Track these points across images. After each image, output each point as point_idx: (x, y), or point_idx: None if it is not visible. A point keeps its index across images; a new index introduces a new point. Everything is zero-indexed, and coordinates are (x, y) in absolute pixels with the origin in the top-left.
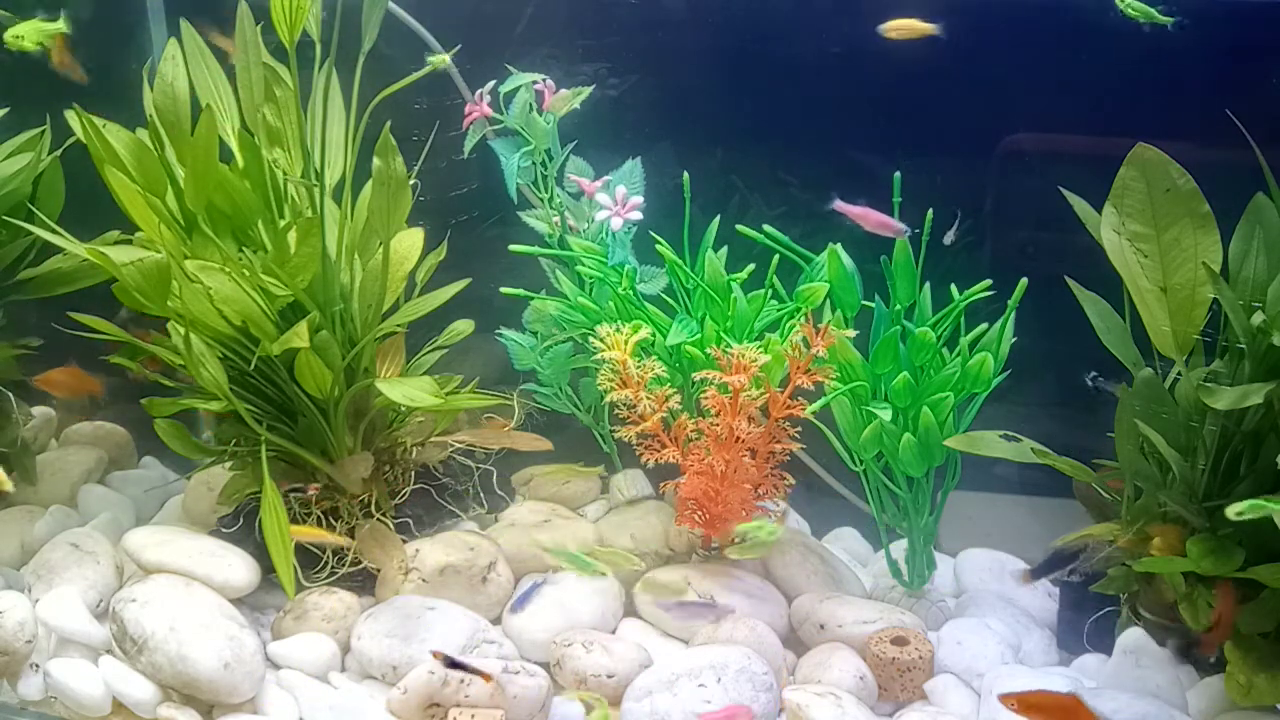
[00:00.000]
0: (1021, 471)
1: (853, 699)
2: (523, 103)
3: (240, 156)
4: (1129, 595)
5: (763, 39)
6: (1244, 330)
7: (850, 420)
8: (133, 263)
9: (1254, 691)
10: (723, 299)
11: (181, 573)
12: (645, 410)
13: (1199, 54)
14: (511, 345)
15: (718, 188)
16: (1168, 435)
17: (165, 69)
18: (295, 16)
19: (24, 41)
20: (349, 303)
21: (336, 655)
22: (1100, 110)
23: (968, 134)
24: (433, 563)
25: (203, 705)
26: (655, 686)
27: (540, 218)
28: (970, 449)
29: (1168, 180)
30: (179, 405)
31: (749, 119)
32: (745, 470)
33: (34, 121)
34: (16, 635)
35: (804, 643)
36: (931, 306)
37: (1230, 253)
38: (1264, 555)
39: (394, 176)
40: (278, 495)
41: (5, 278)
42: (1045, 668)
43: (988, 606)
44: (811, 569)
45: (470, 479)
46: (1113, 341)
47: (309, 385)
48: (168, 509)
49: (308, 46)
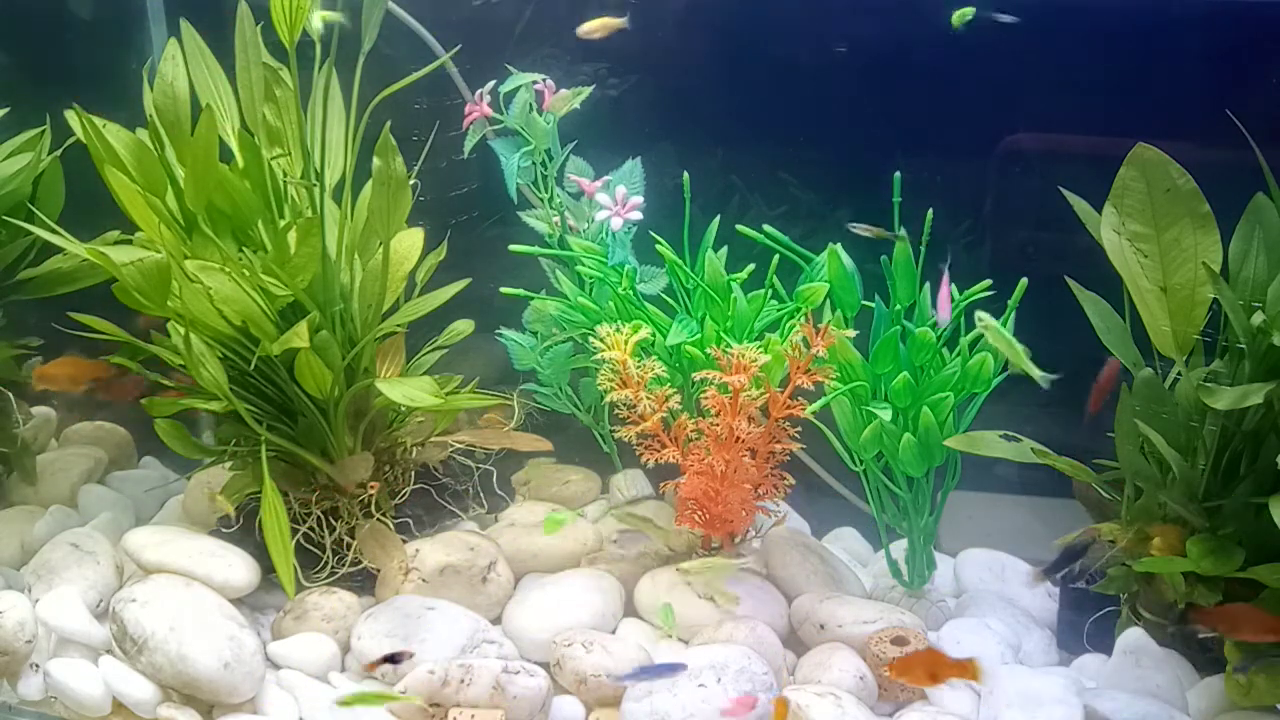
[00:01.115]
0: (1021, 471)
1: (853, 699)
2: (523, 103)
3: (240, 156)
4: (1129, 595)
5: (763, 38)
6: (1244, 330)
7: (850, 420)
8: (133, 263)
9: (1254, 691)
10: (723, 299)
11: (181, 573)
12: (645, 410)
13: (1199, 54)
14: (511, 345)
15: (718, 188)
16: (1168, 435)
17: (165, 69)
18: (295, 16)
19: None
20: (349, 303)
21: (336, 655)
22: (1100, 110)
23: (968, 134)
24: (433, 563)
25: (203, 705)
26: (655, 686)
27: (540, 218)
28: (970, 449)
29: (1168, 180)
30: (179, 405)
31: (749, 119)
32: (745, 470)
33: (34, 121)
34: (16, 635)
35: (804, 643)
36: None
37: (1230, 253)
38: (1264, 555)
39: (394, 176)
40: (278, 495)
41: (5, 278)
42: (1045, 668)
43: (988, 606)
44: (811, 569)
45: (470, 479)
46: (1113, 341)
47: (309, 385)
48: (168, 509)
49: (308, 46)
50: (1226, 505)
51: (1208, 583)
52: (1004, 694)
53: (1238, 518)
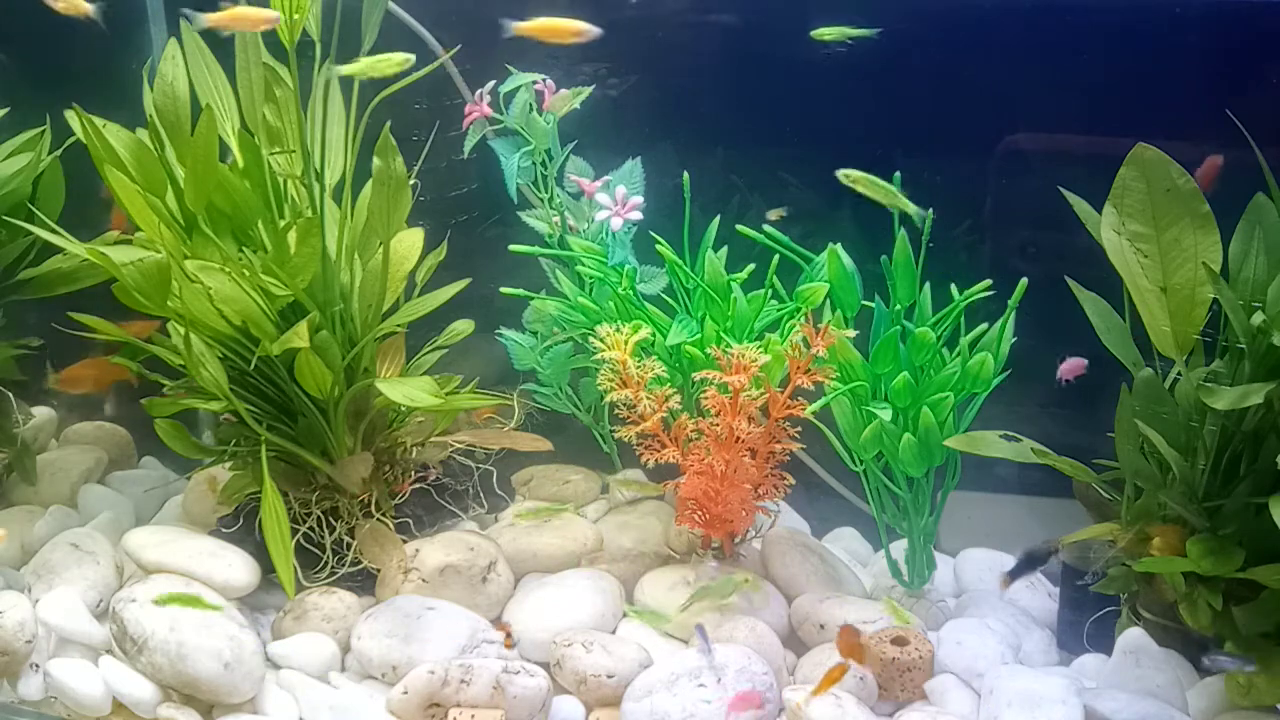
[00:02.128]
0: (1021, 471)
1: (853, 699)
2: (523, 103)
3: (240, 156)
4: (1129, 595)
5: (763, 38)
6: (1244, 330)
7: (850, 420)
8: (133, 263)
9: (1254, 691)
10: (723, 299)
11: (182, 573)
12: (645, 410)
13: (1199, 54)
14: (511, 345)
15: (718, 188)
16: (1168, 435)
17: (165, 69)
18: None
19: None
20: (349, 303)
21: (336, 655)
22: (1100, 110)
23: (968, 134)
24: (433, 563)
25: (203, 705)
26: (655, 686)
27: (540, 218)
28: (970, 449)
29: (1168, 180)
30: (179, 405)
31: (749, 119)
32: (745, 470)
33: (34, 121)
34: (16, 635)
35: (804, 643)
36: (931, 306)
37: (1230, 253)
38: (1264, 555)
39: (394, 176)
40: (278, 495)
41: (5, 278)
42: (1045, 667)
43: (988, 606)
44: (811, 569)
45: (470, 479)
46: (1113, 341)
47: (309, 385)
48: (168, 509)
49: (308, 46)
50: (1226, 505)
51: (1208, 583)
52: (1004, 694)
53: (1238, 518)
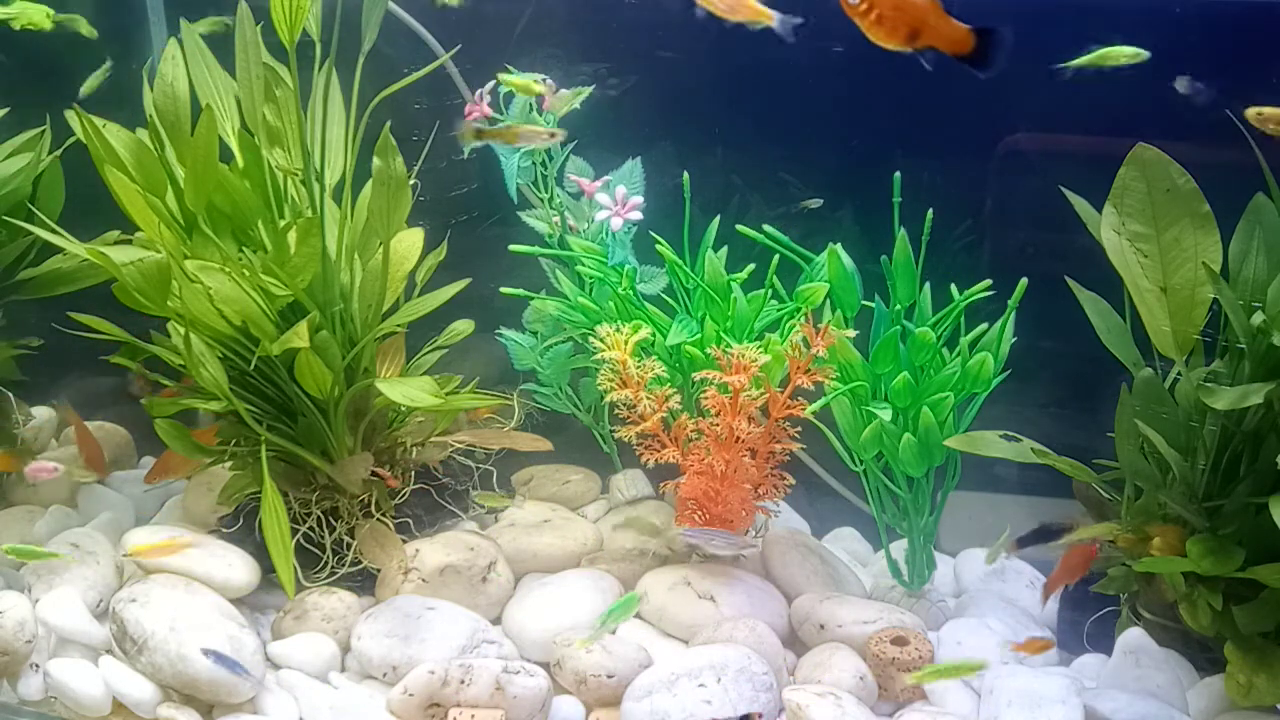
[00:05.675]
0: (1021, 471)
1: (853, 699)
2: (523, 103)
3: (240, 156)
4: (1129, 595)
5: (763, 38)
6: (1244, 330)
7: (850, 420)
8: (133, 263)
9: (1254, 691)
10: (723, 299)
11: (181, 573)
12: (645, 410)
13: (1198, 54)
14: (511, 345)
15: (718, 188)
16: (1168, 435)
17: (165, 69)
18: (295, 16)
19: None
20: (349, 303)
21: (336, 655)
22: (1100, 110)
23: (968, 134)
24: (433, 563)
25: (203, 705)
26: (655, 686)
27: (540, 218)
28: (970, 449)
29: (1168, 180)
30: (179, 405)
31: (749, 119)
32: (745, 470)
33: (34, 121)
34: (16, 635)
35: (804, 643)
36: (931, 306)
37: (1230, 253)
38: (1264, 555)
39: (394, 176)
40: (278, 495)
41: (5, 278)
42: (1045, 668)
43: (988, 606)
44: (811, 569)
45: (470, 479)
46: (1113, 341)
47: (309, 385)
48: (168, 509)
49: (308, 46)
50: (1226, 505)
51: (1208, 582)
52: (1004, 694)
53: (1238, 518)
